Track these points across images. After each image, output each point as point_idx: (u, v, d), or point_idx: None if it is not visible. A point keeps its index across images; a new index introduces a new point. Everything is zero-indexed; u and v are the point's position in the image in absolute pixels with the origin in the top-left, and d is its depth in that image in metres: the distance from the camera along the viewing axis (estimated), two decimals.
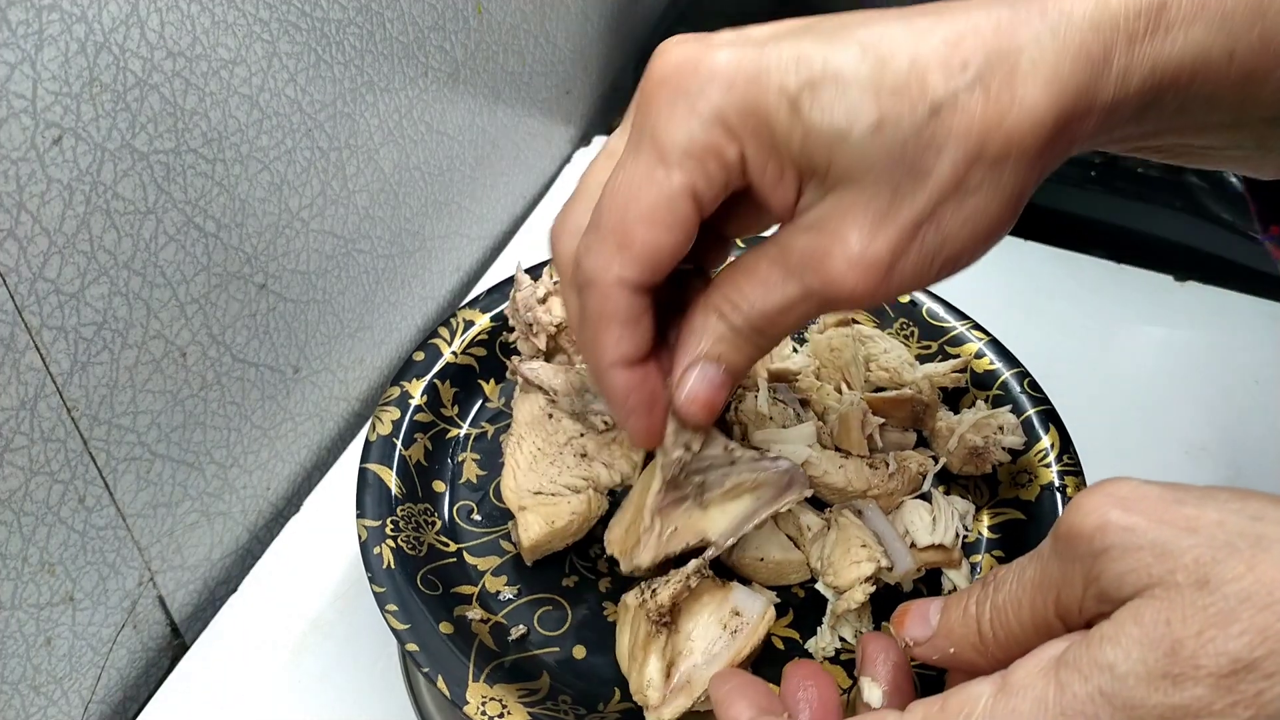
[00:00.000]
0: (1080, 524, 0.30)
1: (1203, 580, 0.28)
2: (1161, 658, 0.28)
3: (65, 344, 0.48)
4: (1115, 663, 0.28)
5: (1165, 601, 0.28)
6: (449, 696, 0.48)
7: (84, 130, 0.46)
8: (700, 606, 0.49)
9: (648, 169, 0.36)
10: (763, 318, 0.37)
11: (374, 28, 0.63)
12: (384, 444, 0.58)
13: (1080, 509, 0.31)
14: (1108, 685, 0.28)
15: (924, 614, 0.36)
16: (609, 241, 0.37)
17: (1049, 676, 0.30)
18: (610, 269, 0.37)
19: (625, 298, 0.38)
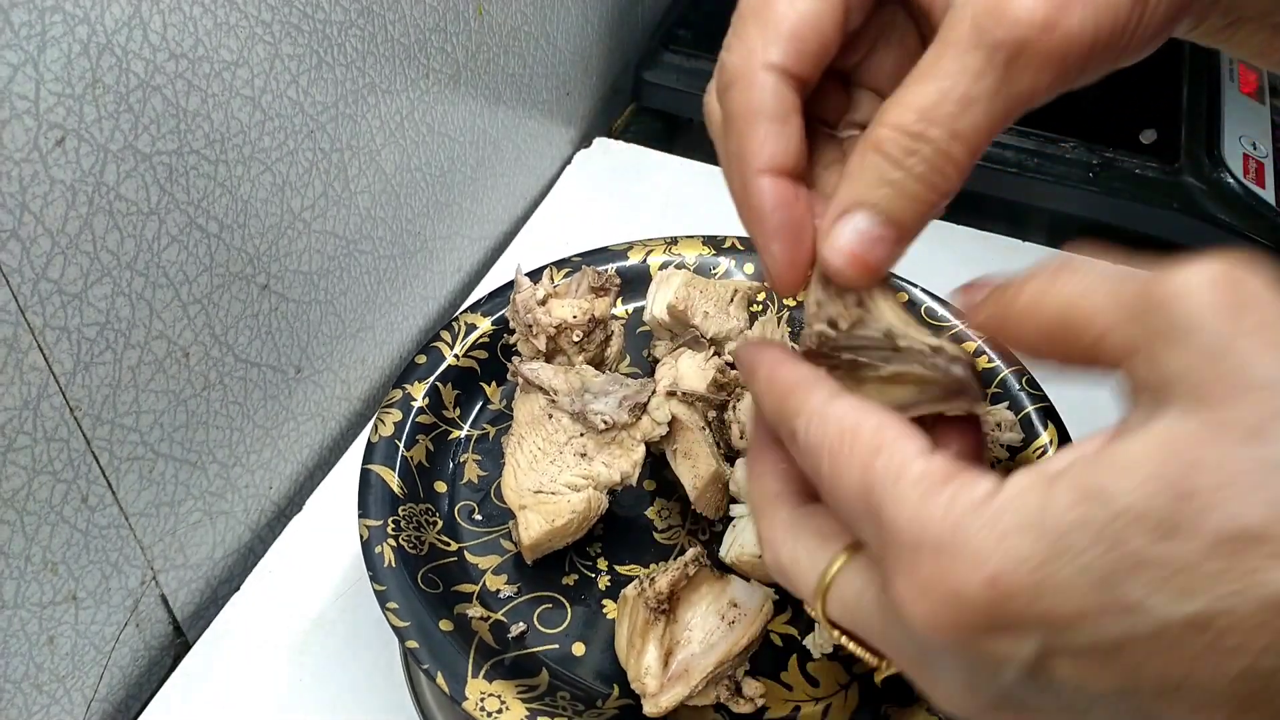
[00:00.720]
0: (1172, 296, 0.26)
1: (1257, 432, 0.24)
2: (1171, 501, 0.24)
3: (68, 344, 0.49)
4: (1116, 494, 0.25)
5: (1208, 438, 0.24)
6: (448, 693, 0.48)
7: (87, 131, 0.46)
8: (699, 597, 0.49)
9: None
10: (932, 122, 0.30)
11: (375, 30, 0.63)
12: (386, 445, 0.59)
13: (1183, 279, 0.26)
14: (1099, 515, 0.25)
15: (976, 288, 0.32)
16: (750, 26, 0.34)
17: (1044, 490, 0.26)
18: (754, 55, 0.33)
19: (772, 86, 0.33)
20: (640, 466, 0.55)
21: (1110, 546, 0.24)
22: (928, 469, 0.28)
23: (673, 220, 0.85)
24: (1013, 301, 0.31)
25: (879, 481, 0.29)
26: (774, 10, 0.33)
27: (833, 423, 0.31)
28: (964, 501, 0.27)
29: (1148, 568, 0.24)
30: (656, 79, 0.93)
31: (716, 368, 0.58)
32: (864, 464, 0.29)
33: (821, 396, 0.32)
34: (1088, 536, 0.25)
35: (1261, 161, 0.85)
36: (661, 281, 0.64)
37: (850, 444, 0.30)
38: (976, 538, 0.26)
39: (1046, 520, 0.25)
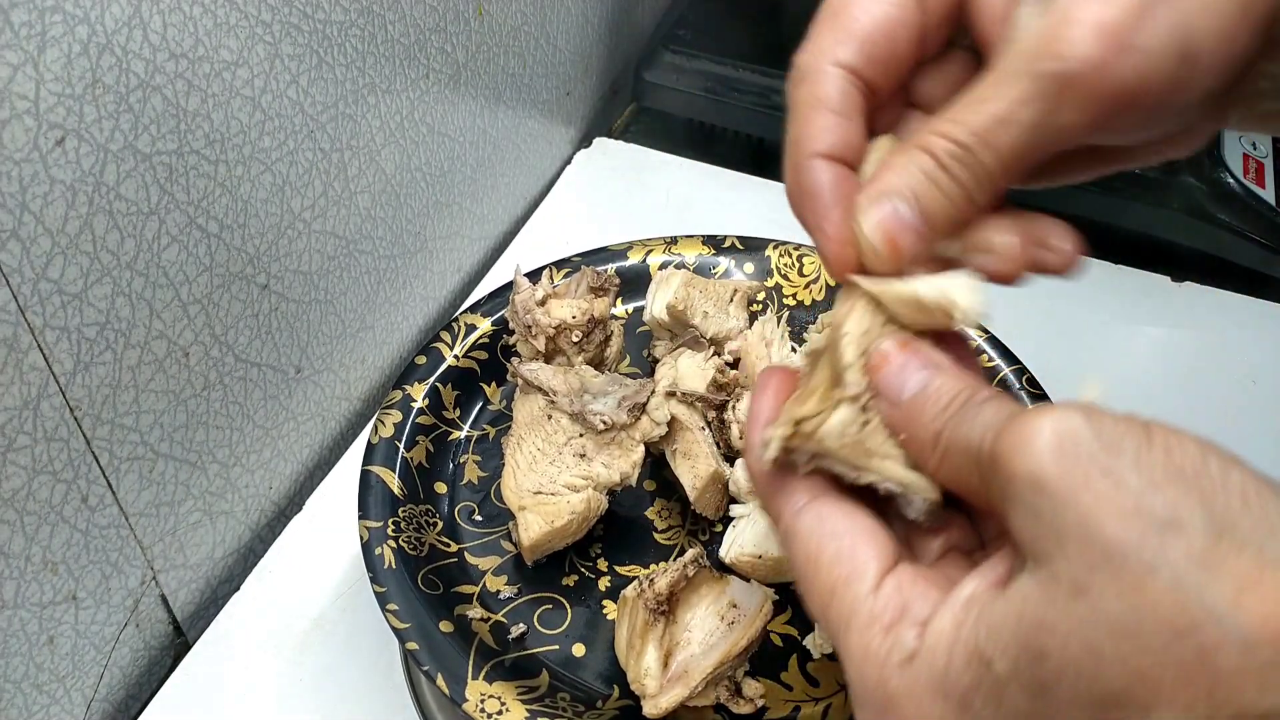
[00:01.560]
0: (1008, 459, 0.28)
1: (1081, 588, 0.26)
2: (1031, 664, 0.27)
3: (68, 344, 0.49)
4: (993, 660, 0.28)
5: (1045, 597, 0.27)
6: (448, 694, 0.48)
7: (87, 131, 0.46)
8: (698, 598, 0.49)
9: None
10: (977, 137, 0.32)
11: (375, 30, 0.63)
12: (386, 446, 0.59)
13: (1016, 438, 0.28)
14: (985, 680, 0.28)
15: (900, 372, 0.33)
16: (825, 28, 0.35)
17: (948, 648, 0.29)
18: (826, 53, 0.35)
19: (840, 83, 0.35)
20: (640, 467, 0.55)
21: (998, 706, 0.28)
22: (873, 614, 0.31)
23: (672, 220, 0.85)
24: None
25: (833, 626, 0.32)
26: (850, 13, 0.35)
27: (800, 543, 0.33)
28: (894, 661, 0.30)
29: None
30: (656, 79, 0.93)
31: (716, 368, 0.58)
32: (822, 603, 0.32)
33: (791, 508, 0.34)
34: (980, 697, 0.28)
35: (1261, 161, 0.85)
36: (661, 281, 0.64)
37: (812, 575, 0.33)
38: (900, 705, 0.29)
39: (949, 683, 0.29)
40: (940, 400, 0.32)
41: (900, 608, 0.31)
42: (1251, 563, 0.25)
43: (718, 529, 0.58)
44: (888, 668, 0.30)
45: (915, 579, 0.31)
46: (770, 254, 0.69)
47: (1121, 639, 0.26)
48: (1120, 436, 0.27)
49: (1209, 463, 0.27)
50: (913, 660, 0.29)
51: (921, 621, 0.30)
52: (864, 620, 0.31)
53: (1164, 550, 0.26)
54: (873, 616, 0.31)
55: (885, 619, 0.31)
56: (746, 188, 0.87)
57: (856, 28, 0.35)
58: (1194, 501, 0.26)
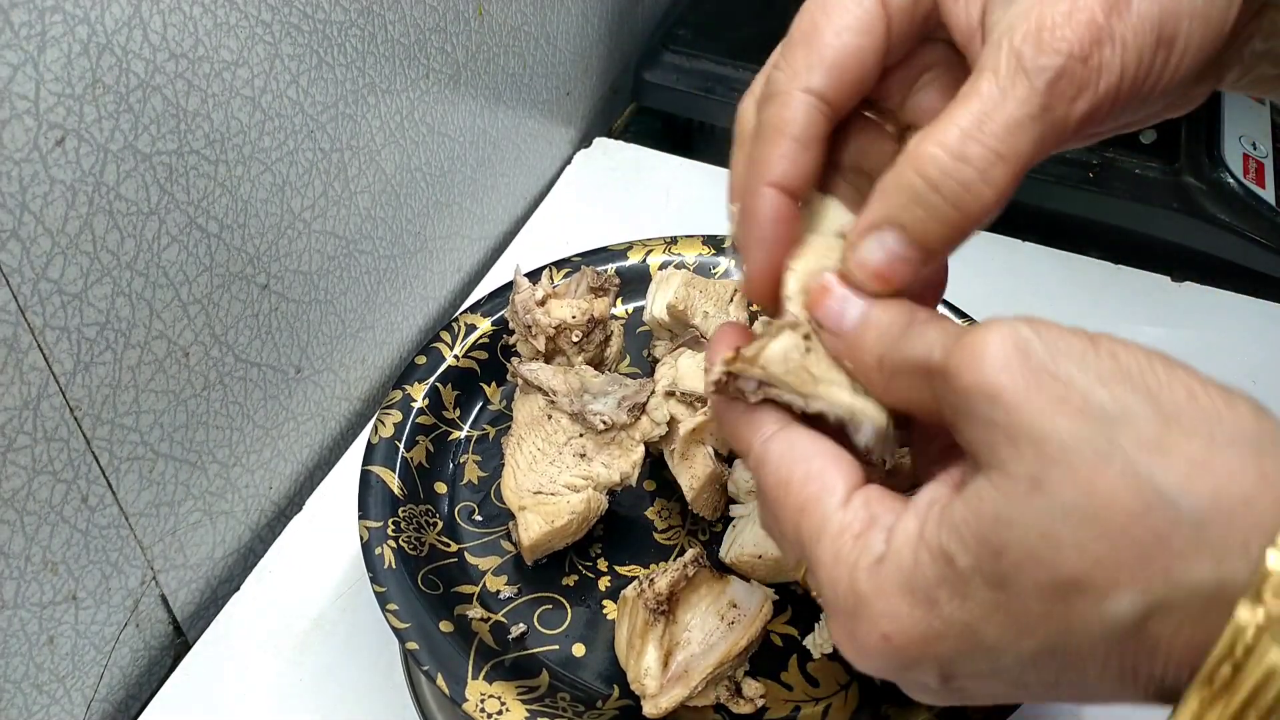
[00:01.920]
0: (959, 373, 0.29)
1: (1037, 482, 0.27)
2: (991, 558, 0.28)
3: (68, 344, 0.49)
4: (956, 556, 0.29)
5: (1002, 495, 0.28)
6: (448, 694, 0.48)
7: (87, 131, 0.46)
8: (698, 598, 0.49)
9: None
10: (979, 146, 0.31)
11: (375, 30, 0.63)
12: (386, 446, 0.59)
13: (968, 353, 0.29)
14: (949, 575, 0.29)
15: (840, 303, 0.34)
16: (797, 50, 0.36)
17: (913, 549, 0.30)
18: (796, 78, 0.35)
19: (805, 110, 0.35)
20: (640, 467, 0.55)
21: (963, 599, 0.29)
22: (843, 524, 0.32)
23: (672, 220, 0.85)
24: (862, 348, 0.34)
25: (804, 540, 0.33)
26: (821, 39, 0.36)
27: (769, 468, 0.34)
28: (864, 564, 0.31)
29: (994, 614, 0.29)
30: (656, 79, 0.93)
31: None
32: (793, 521, 0.33)
33: (760, 437, 0.35)
34: (945, 592, 0.29)
35: (1261, 161, 0.85)
36: (661, 281, 0.64)
37: (782, 496, 0.34)
38: (869, 603, 0.31)
39: (916, 580, 0.30)
40: (881, 324, 0.33)
41: (868, 518, 0.32)
42: (1200, 446, 0.27)
43: (718, 529, 0.58)
44: (858, 570, 0.31)
45: (882, 495, 0.33)
46: None
47: (1078, 527, 0.27)
48: (1067, 344, 0.29)
49: (1154, 365, 0.28)
50: (881, 562, 0.31)
51: (888, 528, 0.31)
52: (835, 530, 0.32)
53: (1115, 440, 0.27)
54: (842, 527, 0.32)
55: (855, 528, 0.32)
56: None
57: (829, 54, 0.35)
58: (1141, 396, 0.28)
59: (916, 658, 0.30)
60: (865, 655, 0.31)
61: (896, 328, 0.33)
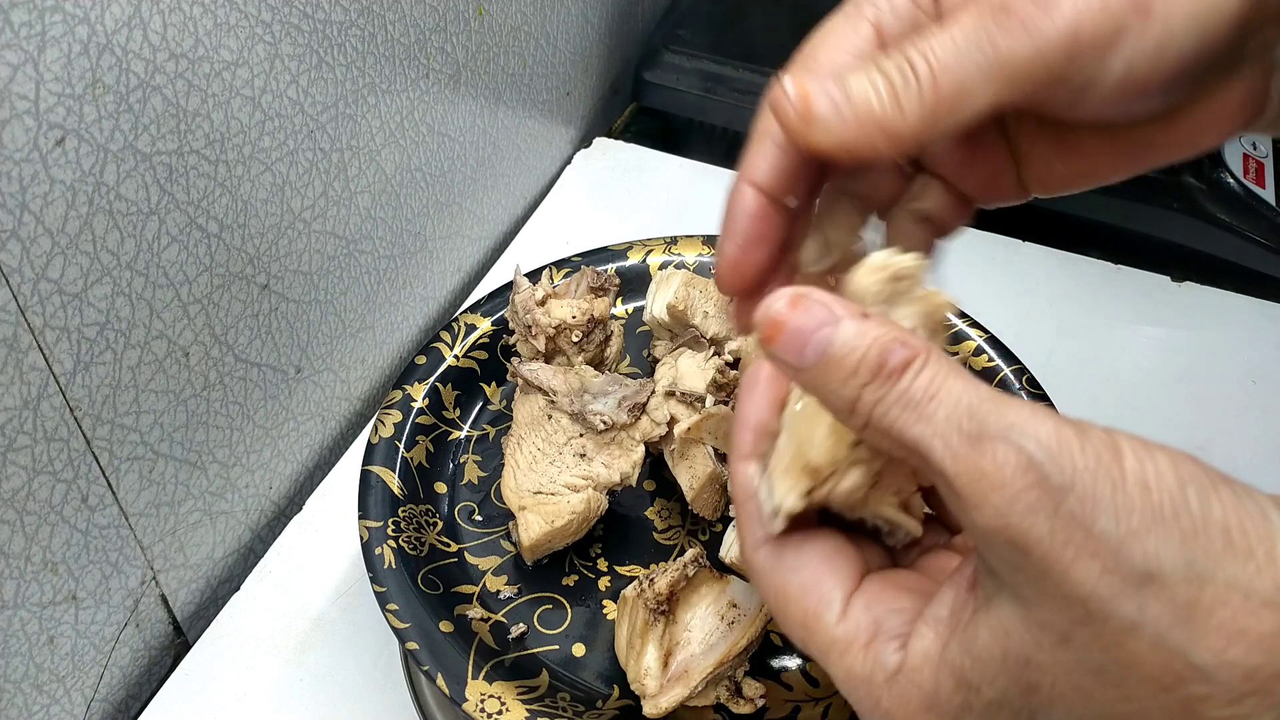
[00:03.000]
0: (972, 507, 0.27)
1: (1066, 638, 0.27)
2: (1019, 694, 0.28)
3: (68, 344, 0.49)
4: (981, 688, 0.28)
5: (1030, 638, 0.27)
6: (448, 694, 0.48)
7: (87, 131, 0.46)
8: (698, 598, 0.49)
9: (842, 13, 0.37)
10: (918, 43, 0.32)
11: (375, 30, 0.63)
12: (386, 446, 0.59)
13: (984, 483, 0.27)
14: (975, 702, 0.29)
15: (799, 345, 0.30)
16: (794, 70, 0.37)
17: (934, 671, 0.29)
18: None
19: None
20: (640, 467, 0.55)
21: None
22: (849, 638, 0.31)
23: (672, 220, 0.85)
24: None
25: (816, 655, 0.32)
26: (815, 59, 0.36)
27: (764, 580, 0.34)
28: (879, 681, 0.30)
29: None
30: (656, 79, 0.93)
31: (716, 368, 0.58)
32: (799, 636, 0.33)
33: (751, 543, 0.34)
34: (972, 717, 0.29)
35: (1261, 161, 0.85)
36: (661, 281, 0.64)
37: (783, 609, 0.33)
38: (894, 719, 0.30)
39: (939, 703, 0.29)
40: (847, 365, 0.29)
41: (872, 625, 0.31)
42: (1235, 612, 0.25)
43: (717, 529, 0.58)
44: (875, 686, 0.30)
45: (883, 592, 0.32)
46: None
47: (1107, 686, 0.27)
48: (1093, 476, 0.26)
49: (1188, 496, 0.26)
50: (899, 676, 0.30)
51: (900, 635, 0.31)
52: (841, 647, 0.31)
53: (1144, 608, 0.26)
54: (848, 641, 0.31)
55: (861, 639, 0.31)
56: None
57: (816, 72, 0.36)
58: (1174, 547, 0.26)
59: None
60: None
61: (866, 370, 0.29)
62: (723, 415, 0.55)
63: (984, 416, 0.27)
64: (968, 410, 0.28)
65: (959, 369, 0.29)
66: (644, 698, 0.47)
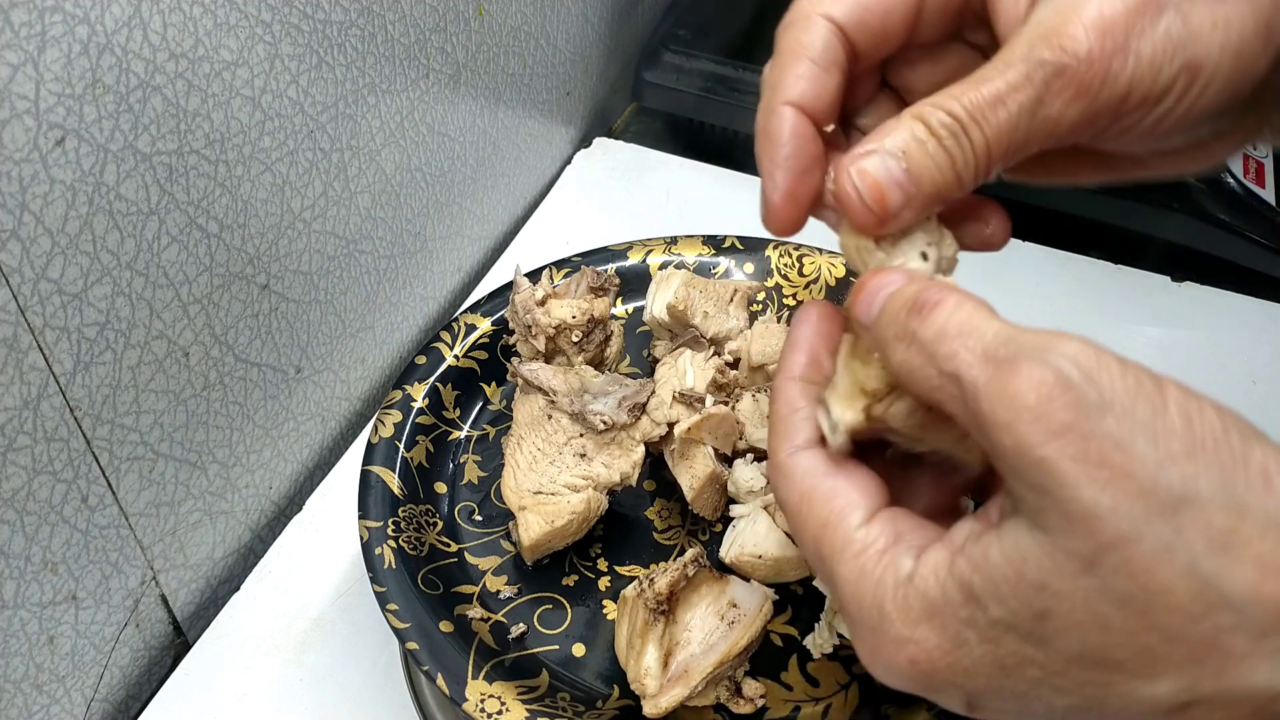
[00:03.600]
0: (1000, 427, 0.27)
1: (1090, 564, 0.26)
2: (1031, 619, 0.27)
3: (68, 344, 0.49)
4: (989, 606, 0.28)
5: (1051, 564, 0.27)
6: (448, 694, 0.48)
7: (87, 131, 0.46)
8: (698, 598, 0.49)
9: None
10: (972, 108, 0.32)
11: (375, 30, 0.63)
12: (386, 446, 0.59)
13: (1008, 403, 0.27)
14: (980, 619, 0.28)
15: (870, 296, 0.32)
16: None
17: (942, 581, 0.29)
18: (820, 4, 0.35)
19: (825, 35, 0.35)
20: (640, 467, 0.55)
21: (994, 645, 0.28)
22: (867, 541, 0.31)
23: (673, 220, 0.85)
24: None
25: (826, 556, 0.32)
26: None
27: (794, 481, 0.34)
28: (890, 581, 0.30)
29: (1027, 666, 0.28)
30: (656, 79, 0.93)
31: (716, 368, 0.58)
32: (815, 536, 0.33)
33: (788, 447, 0.34)
34: (975, 635, 0.28)
35: (1261, 161, 0.85)
36: (661, 281, 0.64)
37: (806, 511, 0.33)
38: (895, 625, 0.30)
39: (945, 615, 0.29)
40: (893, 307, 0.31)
41: (893, 535, 0.31)
42: (1272, 546, 0.25)
43: (717, 529, 0.58)
44: (883, 586, 0.30)
45: (907, 516, 0.32)
46: (770, 254, 0.69)
47: (1131, 616, 0.26)
48: (1131, 399, 0.26)
49: (1230, 435, 0.26)
50: (910, 581, 0.30)
51: (918, 547, 0.30)
52: (857, 548, 0.31)
53: (1180, 531, 0.25)
54: (865, 544, 0.31)
55: (879, 545, 0.31)
56: (746, 187, 0.87)
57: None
58: (1214, 476, 0.25)
59: (942, 684, 0.30)
60: (890, 674, 0.31)
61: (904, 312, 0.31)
62: (723, 415, 0.55)
63: (1019, 342, 0.28)
64: (1003, 338, 0.28)
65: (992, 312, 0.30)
66: (644, 698, 0.47)
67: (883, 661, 0.31)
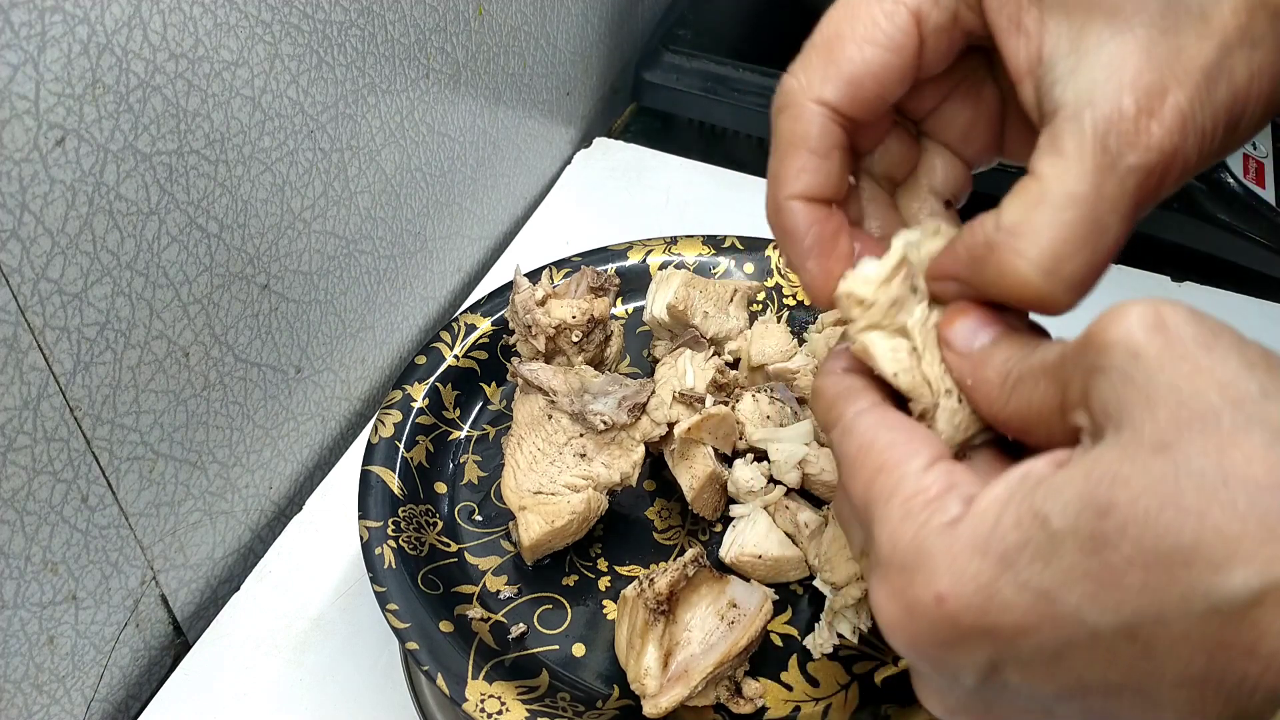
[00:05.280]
0: (1101, 332, 0.28)
1: (1165, 445, 0.25)
2: (1094, 518, 0.26)
3: (68, 344, 0.49)
4: (1051, 516, 0.27)
5: (1123, 454, 0.26)
6: (448, 694, 0.48)
7: (87, 131, 0.46)
8: (698, 598, 0.49)
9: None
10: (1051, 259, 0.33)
11: (375, 30, 0.63)
12: (386, 446, 0.59)
13: (1112, 316, 0.28)
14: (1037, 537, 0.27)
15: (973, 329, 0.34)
16: (815, 58, 0.34)
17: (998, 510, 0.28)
18: (810, 88, 0.34)
19: (820, 122, 0.35)
20: (640, 467, 0.55)
21: (1046, 563, 0.26)
22: (919, 487, 0.30)
23: (673, 220, 0.85)
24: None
25: (875, 499, 0.31)
26: (842, 50, 0.34)
27: (855, 436, 0.33)
28: (935, 523, 0.29)
29: (1079, 582, 0.26)
30: (656, 79, 0.93)
31: (716, 368, 0.58)
32: (867, 480, 0.32)
33: (854, 410, 0.34)
34: (1027, 555, 0.27)
35: (1261, 161, 0.85)
36: (661, 281, 0.64)
37: (862, 459, 0.32)
38: (933, 558, 0.28)
39: (993, 540, 0.27)
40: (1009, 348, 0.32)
41: (948, 484, 0.30)
42: None
43: (717, 529, 0.58)
44: (927, 528, 0.29)
45: (967, 469, 0.31)
46: (770, 254, 0.69)
47: (1203, 492, 0.25)
48: (1220, 328, 0.27)
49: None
50: (955, 524, 0.29)
51: (969, 496, 0.29)
52: (909, 490, 0.30)
53: (1261, 414, 0.25)
54: (919, 488, 0.30)
55: (931, 492, 0.30)
56: (746, 188, 0.87)
57: (847, 68, 0.34)
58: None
59: (969, 629, 0.28)
60: (911, 617, 0.29)
61: (1028, 347, 0.32)
62: (723, 415, 0.55)
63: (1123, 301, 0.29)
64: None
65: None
66: (644, 698, 0.47)
67: (905, 602, 0.29)
